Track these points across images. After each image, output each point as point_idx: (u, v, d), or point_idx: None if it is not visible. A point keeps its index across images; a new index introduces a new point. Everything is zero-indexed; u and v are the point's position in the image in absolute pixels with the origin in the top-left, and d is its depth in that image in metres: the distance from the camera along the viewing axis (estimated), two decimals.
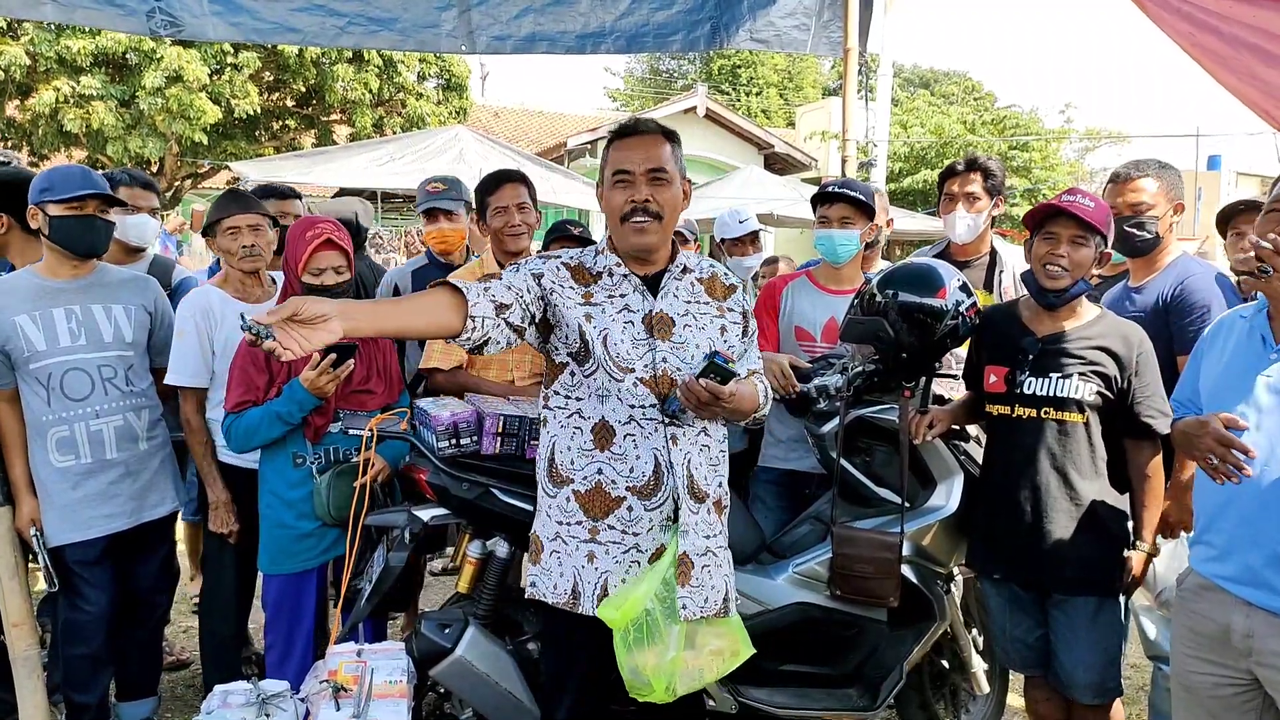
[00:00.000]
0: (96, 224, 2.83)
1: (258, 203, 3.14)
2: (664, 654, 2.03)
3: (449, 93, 17.10)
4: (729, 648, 2.15)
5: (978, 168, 3.26)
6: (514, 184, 3.21)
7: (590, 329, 2.07)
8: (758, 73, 32.50)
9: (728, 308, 2.22)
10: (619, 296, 2.12)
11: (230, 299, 3.03)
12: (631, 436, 2.08)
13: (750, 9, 4.40)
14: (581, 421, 2.11)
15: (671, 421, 2.09)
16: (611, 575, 2.10)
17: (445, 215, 3.72)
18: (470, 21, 4.18)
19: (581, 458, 2.11)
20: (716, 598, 2.16)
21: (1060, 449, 2.47)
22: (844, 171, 4.46)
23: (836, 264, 3.16)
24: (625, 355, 2.06)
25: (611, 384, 2.07)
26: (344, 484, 2.76)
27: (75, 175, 2.81)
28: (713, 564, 2.17)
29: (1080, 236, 2.41)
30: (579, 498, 2.12)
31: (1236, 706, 2.01)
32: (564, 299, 2.08)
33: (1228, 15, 2.67)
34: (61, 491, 2.81)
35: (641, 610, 2.02)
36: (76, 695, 2.91)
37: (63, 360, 2.80)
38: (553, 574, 2.15)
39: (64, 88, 12.85)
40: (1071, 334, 2.49)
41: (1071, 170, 21.65)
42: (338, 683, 2.29)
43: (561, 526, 2.14)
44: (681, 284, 2.18)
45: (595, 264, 2.16)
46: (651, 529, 2.11)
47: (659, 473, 2.09)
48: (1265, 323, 2.03)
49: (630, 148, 2.09)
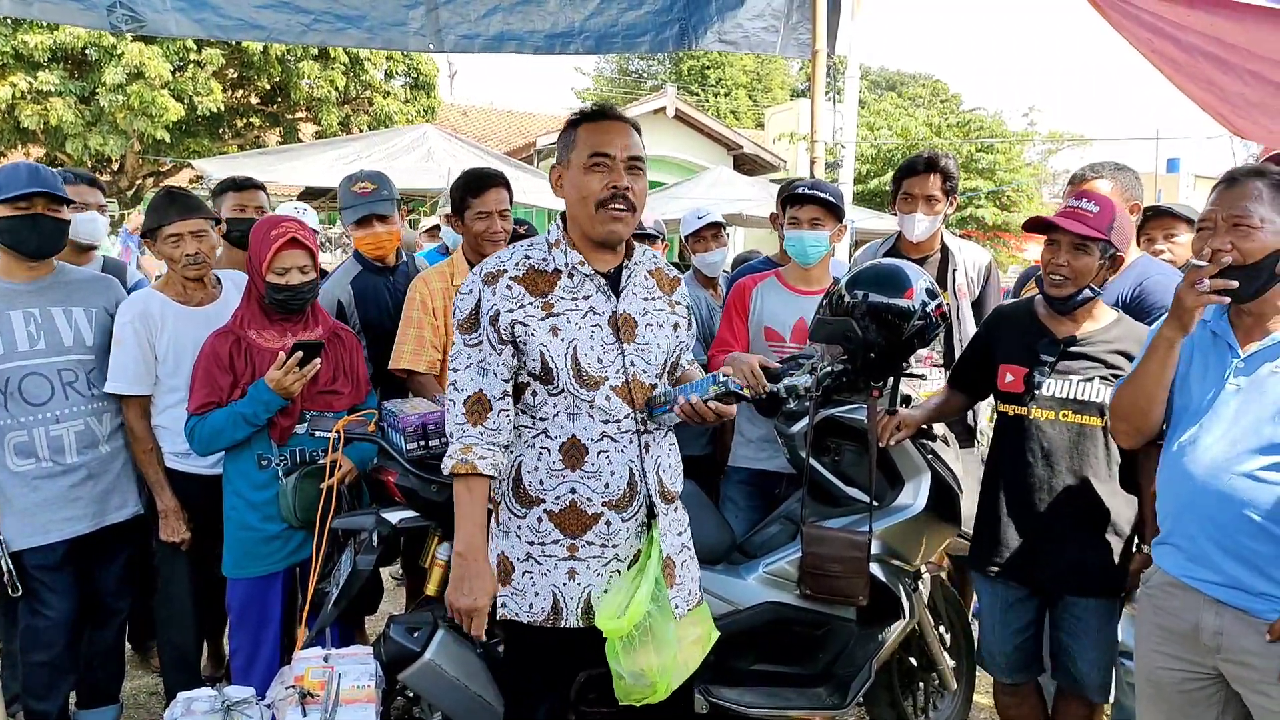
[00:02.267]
0: (44, 223, 2.74)
1: (199, 204, 3.02)
2: (665, 652, 2.01)
3: (417, 91, 16.98)
4: (704, 634, 2.17)
5: (937, 169, 3.28)
6: (499, 188, 3.17)
7: (556, 344, 1.98)
8: (726, 74, 32.62)
9: (675, 301, 2.20)
10: (582, 299, 2.02)
11: (171, 302, 2.95)
12: (605, 453, 2.02)
13: (718, 11, 4.41)
14: (549, 441, 2.03)
15: (645, 430, 2.08)
16: (594, 588, 2.06)
17: (379, 219, 3.43)
18: (438, 20, 4.15)
19: (551, 477, 2.03)
20: (695, 588, 2.22)
21: (1077, 452, 2.48)
22: (812, 172, 4.48)
23: (807, 265, 3.18)
24: (596, 366, 1.99)
25: (581, 402, 2.00)
26: (310, 486, 2.73)
27: (21, 173, 2.72)
28: (689, 559, 2.22)
29: (1082, 245, 2.39)
30: (553, 517, 2.04)
31: (1201, 701, 2.05)
32: (527, 323, 1.98)
33: (1184, 24, 2.72)
34: (20, 495, 2.75)
35: (644, 614, 1.98)
36: (36, 703, 2.85)
37: (21, 365, 2.73)
38: (527, 594, 2.07)
39: (21, 83, 12.58)
40: (1091, 337, 2.50)
41: (1035, 172, 21.93)
42: (304, 688, 2.27)
43: (534, 546, 2.06)
44: (638, 279, 2.12)
45: (550, 263, 2.04)
46: (629, 537, 2.08)
47: (633, 484, 2.06)
48: (1227, 328, 2.06)
49: (608, 131, 1.99)
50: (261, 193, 3.67)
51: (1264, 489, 1.90)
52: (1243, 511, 1.91)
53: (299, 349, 2.68)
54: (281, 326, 2.83)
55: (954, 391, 2.83)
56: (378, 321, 3.33)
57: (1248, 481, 1.92)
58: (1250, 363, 1.99)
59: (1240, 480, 1.93)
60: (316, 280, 2.85)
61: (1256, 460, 1.92)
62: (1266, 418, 1.93)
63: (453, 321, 3.06)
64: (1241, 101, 2.98)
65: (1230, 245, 1.95)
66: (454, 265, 3.19)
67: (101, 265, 3.56)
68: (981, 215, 18.94)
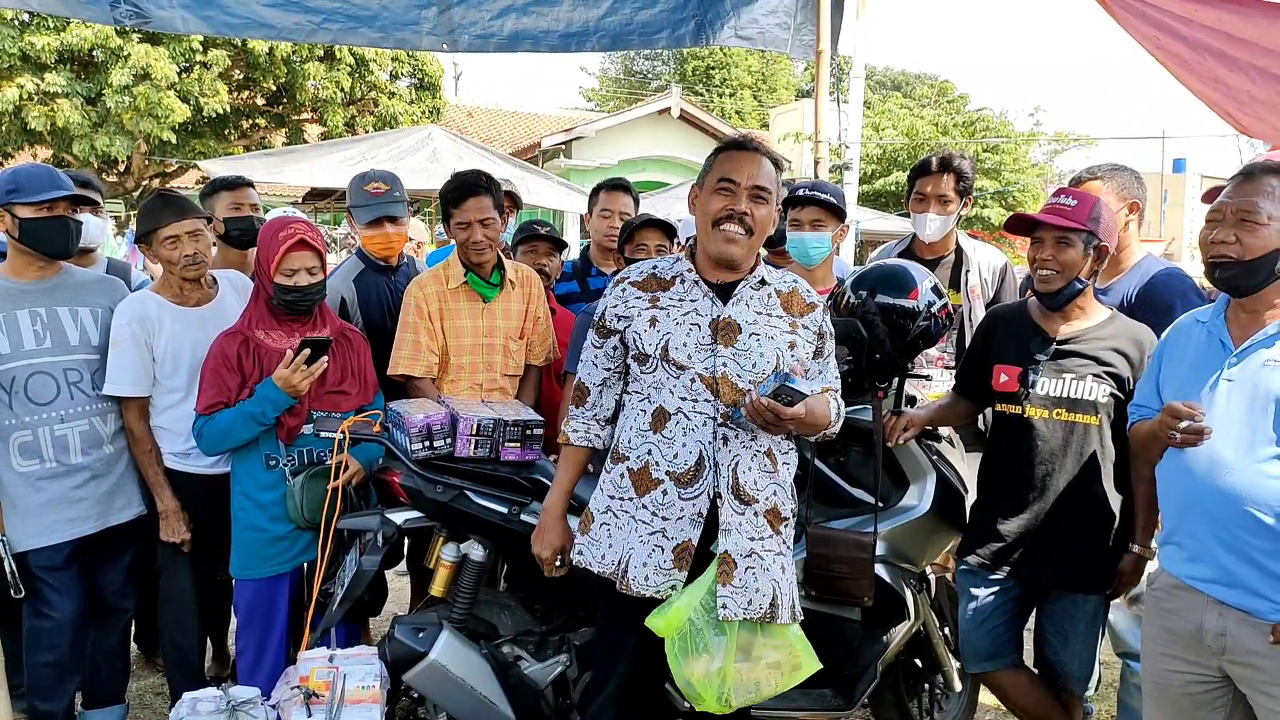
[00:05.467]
0: (69, 224, 2.79)
1: (192, 205, 3.02)
2: (710, 663, 2.05)
3: (422, 92, 17.02)
4: (788, 661, 2.15)
5: (950, 170, 3.27)
6: (477, 196, 3.08)
7: (651, 334, 2.17)
8: (731, 74, 32.60)
9: (802, 324, 2.23)
10: (688, 301, 2.19)
11: (168, 304, 2.95)
12: (681, 425, 2.15)
13: (734, 6, 4.39)
14: (647, 405, 2.20)
15: (727, 424, 2.13)
16: (635, 554, 2.16)
17: (390, 220, 3.41)
18: (451, 20, 4.12)
19: (638, 437, 2.20)
20: (762, 601, 2.14)
21: (1071, 450, 2.49)
22: (816, 173, 4.48)
23: (809, 266, 3.17)
24: (685, 359, 2.14)
25: (668, 379, 2.16)
26: (317, 487, 2.74)
27: (43, 176, 2.75)
28: (758, 566, 2.15)
29: (1064, 238, 2.42)
30: (631, 475, 2.20)
31: (1207, 704, 2.05)
32: (629, 315, 2.22)
33: (1191, 18, 2.72)
34: (24, 496, 2.76)
35: (685, 620, 2.05)
36: (41, 704, 2.86)
37: (27, 363, 2.74)
38: (601, 544, 2.23)
39: (28, 85, 12.64)
40: (1085, 335, 2.51)
41: (1041, 173, 21.92)
42: (310, 688, 2.27)
43: (614, 501, 2.23)
44: (757, 294, 2.21)
45: (669, 271, 2.25)
46: (681, 519, 2.15)
47: (701, 465, 2.14)
48: (1223, 326, 2.06)
49: (739, 160, 2.15)
50: (253, 190, 3.65)
51: (1265, 484, 1.89)
52: (1244, 507, 1.91)
53: (306, 346, 2.68)
54: (289, 327, 2.84)
55: (959, 398, 2.83)
56: (379, 321, 3.34)
57: (1248, 477, 1.91)
58: (1243, 355, 1.99)
59: (1240, 476, 1.92)
60: (324, 282, 2.86)
61: (1256, 455, 1.91)
62: (1260, 409, 1.92)
63: (454, 325, 3.10)
64: (1248, 99, 2.98)
65: (1234, 238, 1.96)
66: (449, 268, 3.18)
67: (105, 267, 3.56)
68: (988, 215, 18.92)
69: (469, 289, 3.13)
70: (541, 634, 2.78)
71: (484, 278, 3.15)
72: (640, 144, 18.17)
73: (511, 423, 2.67)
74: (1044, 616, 2.64)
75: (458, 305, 3.14)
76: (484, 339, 3.16)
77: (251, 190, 3.62)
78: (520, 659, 2.68)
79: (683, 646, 2.05)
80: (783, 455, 2.24)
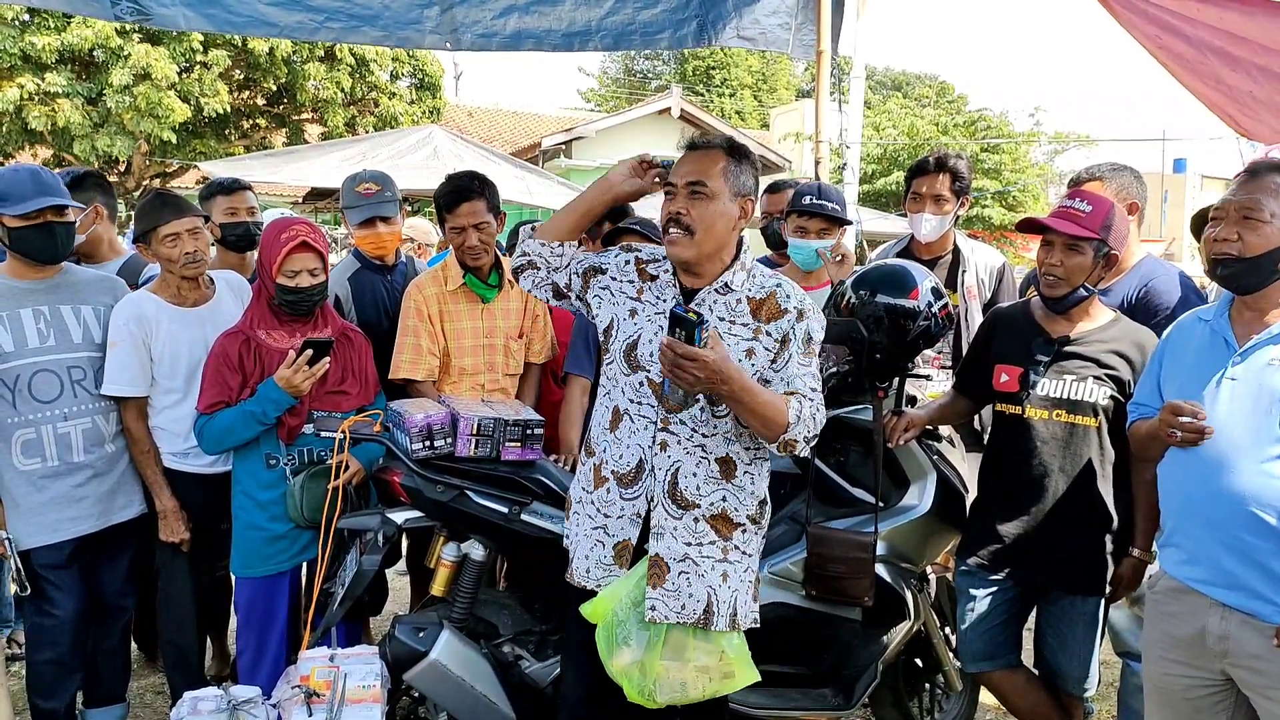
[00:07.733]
0: (56, 230, 2.74)
1: (190, 204, 3.01)
2: (632, 656, 2.08)
3: (422, 92, 17.00)
4: (719, 668, 2.14)
5: (946, 169, 3.27)
6: (470, 200, 3.05)
7: (628, 325, 2.20)
8: (732, 74, 32.60)
9: (765, 330, 2.14)
10: (661, 302, 2.20)
11: (165, 304, 2.94)
12: (628, 426, 2.19)
13: (736, 6, 4.40)
14: (608, 403, 2.25)
15: (667, 429, 2.12)
16: (581, 546, 2.25)
17: (382, 220, 3.41)
18: (454, 19, 4.13)
19: (601, 434, 2.26)
20: (696, 606, 2.13)
21: (1071, 451, 2.49)
22: (817, 173, 4.47)
23: (811, 271, 3.19)
24: (646, 358, 2.15)
25: (621, 377, 2.20)
26: (318, 486, 2.74)
27: (27, 184, 2.69)
28: (693, 572, 2.14)
29: (1075, 245, 2.40)
30: (594, 469, 2.26)
31: (1209, 707, 2.04)
32: (619, 289, 2.25)
33: (1193, 17, 2.72)
34: (27, 495, 2.76)
35: (611, 610, 2.09)
36: (43, 702, 2.86)
37: (31, 362, 2.74)
38: (570, 530, 2.32)
39: (29, 84, 12.63)
40: (1087, 337, 2.50)
41: (1041, 173, 21.90)
42: (310, 688, 2.27)
43: (579, 490, 2.30)
44: (722, 299, 2.16)
45: (656, 268, 2.27)
46: (621, 518, 2.20)
47: (641, 468, 2.17)
48: (1226, 325, 2.06)
49: (680, 163, 2.16)
50: (250, 193, 3.64)
51: (1269, 484, 1.89)
52: (1247, 508, 1.90)
53: (308, 347, 2.69)
54: (291, 327, 2.84)
55: (959, 396, 2.83)
56: (375, 320, 3.34)
57: (1251, 477, 1.91)
58: (1247, 354, 1.99)
59: (1244, 476, 1.91)
60: (326, 283, 2.86)
61: (1260, 455, 1.91)
62: (1263, 409, 1.92)
63: (454, 327, 3.09)
64: (1250, 100, 2.98)
65: (1236, 236, 1.96)
66: (447, 269, 3.17)
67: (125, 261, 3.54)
68: (988, 215, 18.91)
69: (468, 290, 3.13)
70: (541, 633, 2.78)
71: (482, 279, 3.15)
72: (640, 144, 18.09)
73: (512, 422, 2.67)
74: (1043, 618, 2.64)
75: (458, 307, 3.14)
76: (485, 340, 3.16)
77: (249, 194, 3.62)
78: (520, 658, 2.68)
79: (607, 637, 2.10)
80: (746, 465, 2.18)
